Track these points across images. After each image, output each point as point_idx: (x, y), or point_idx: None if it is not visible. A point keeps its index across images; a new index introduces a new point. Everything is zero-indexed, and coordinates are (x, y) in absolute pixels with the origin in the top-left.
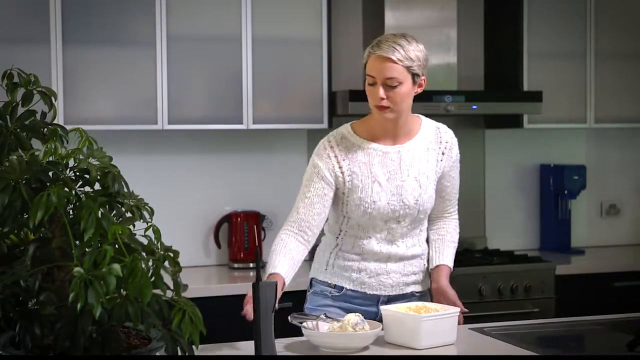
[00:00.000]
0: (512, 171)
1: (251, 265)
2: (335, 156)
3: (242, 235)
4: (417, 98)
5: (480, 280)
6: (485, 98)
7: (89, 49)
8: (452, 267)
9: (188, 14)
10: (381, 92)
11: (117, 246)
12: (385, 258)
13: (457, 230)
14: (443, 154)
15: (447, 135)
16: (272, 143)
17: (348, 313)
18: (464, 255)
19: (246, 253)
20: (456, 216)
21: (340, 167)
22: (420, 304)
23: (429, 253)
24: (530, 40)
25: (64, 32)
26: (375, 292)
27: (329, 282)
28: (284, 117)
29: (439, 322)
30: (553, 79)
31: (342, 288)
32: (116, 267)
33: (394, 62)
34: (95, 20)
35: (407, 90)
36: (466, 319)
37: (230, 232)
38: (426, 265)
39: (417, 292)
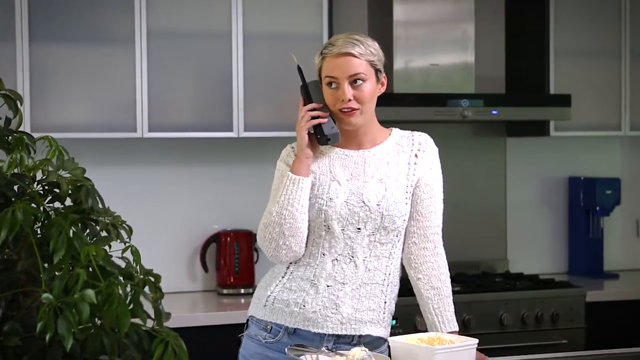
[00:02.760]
0: (537, 185)
1: (242, 291)
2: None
3: (233, 258)
4: (429, 102)
5: (501, 307)
6: (507, 102)
7: (59, 47)
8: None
9: (171, 7)
10: (349, 90)
11: (90, 269)
12: (340, 282)
13: (448, 273)
14: (417, 156)
15: (421, 138)
16: (266, 153)
17: None
18: (482, 279)
19: (237, 277)
20: (442, 249)
21: None
22: (433, 334)
23: (425, 314)
24: (557, 37)
25: (30, 28)
26: (320, 331)
27: (267, 320)
28: (279, 123)
29: (454, 355)
30: (583, 80)
31: (278, 332)
32: (90, 293)
33: (355, 56)
34: (66, 14)
35: (373, 88)
36: (485, 352)
37: (218, 253)
38: (388, 304)
39: (374, 336)
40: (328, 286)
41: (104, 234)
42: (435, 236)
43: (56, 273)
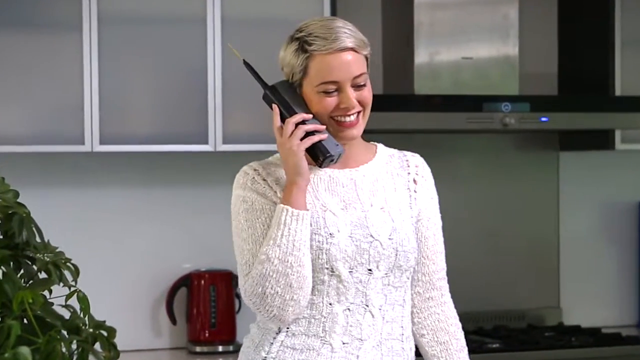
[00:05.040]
0: (599, 211)
1: (220, 348)
2: (264, 179)
3: (208, 306)
4: (461, 106)
5: None
6: (560, 106)
7: None
8: None
9: None
10: (354, 96)
11: (26, 321)
12: (357, 338)
13: (459, 323)
14: (415, 182)
15: (416, 159)
16: None
17: None
18: (529, 334)
19: (213, 331)
20: (449, 297)
21: (274, 192)
22: None
23: None
24: (624, 24)
25: None
26: None
27: None
28: (265, 134)
29: None
30: None
31: None
32: (24, 351)
33: (355, 51)
34: None
35: (370, 86)
36: None
37: (190, 300)
38: None
39: None
40: (344, 343)
41: (42, 275)
42: (441, 282)
43: None
